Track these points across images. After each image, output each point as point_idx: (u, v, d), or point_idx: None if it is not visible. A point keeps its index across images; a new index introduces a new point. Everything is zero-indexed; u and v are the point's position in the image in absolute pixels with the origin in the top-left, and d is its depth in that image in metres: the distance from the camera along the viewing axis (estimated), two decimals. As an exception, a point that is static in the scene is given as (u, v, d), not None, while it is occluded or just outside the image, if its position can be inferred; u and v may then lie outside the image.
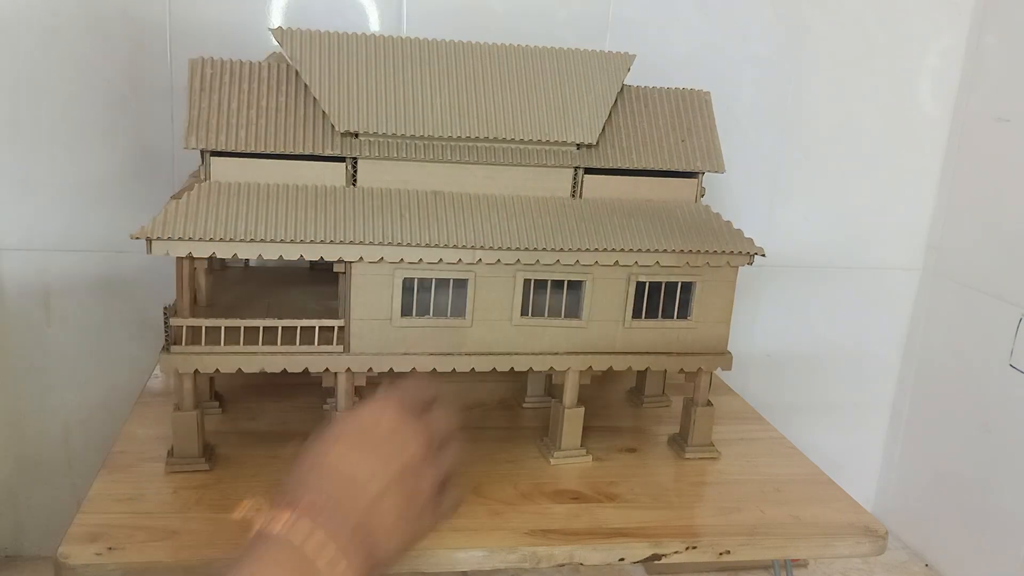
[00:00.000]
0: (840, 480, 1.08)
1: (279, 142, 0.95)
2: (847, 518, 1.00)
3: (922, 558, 1.76)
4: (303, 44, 1.00)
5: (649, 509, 0.99)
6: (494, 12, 1.47)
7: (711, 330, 1.07)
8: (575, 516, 0.96)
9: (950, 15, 1.64)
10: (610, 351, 1.05)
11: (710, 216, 1.06)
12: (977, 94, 1.64)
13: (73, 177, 1.42)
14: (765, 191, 1.67)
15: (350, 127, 0.96)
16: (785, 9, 1.57)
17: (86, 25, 1.36)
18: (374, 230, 0.93)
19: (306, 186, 0.96)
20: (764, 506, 1.01)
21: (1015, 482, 1.53)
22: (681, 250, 1.01)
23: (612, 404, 1.28)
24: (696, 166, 1.07)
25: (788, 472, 1.11)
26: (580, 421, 1.08)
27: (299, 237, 0.91)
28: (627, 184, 1.06)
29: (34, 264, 1.45)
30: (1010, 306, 1.54)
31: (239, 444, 1.07)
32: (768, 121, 1.63)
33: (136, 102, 1.41)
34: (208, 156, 0.94)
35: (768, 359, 1.77)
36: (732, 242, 1.03)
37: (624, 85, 1.08)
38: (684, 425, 1.14)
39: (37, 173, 1.41)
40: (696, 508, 1.00)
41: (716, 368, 1.09)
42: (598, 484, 1.04)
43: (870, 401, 1.86)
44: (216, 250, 0.90)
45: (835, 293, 1.76)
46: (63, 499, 1.57)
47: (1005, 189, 1.57)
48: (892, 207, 1.73)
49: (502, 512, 0.95)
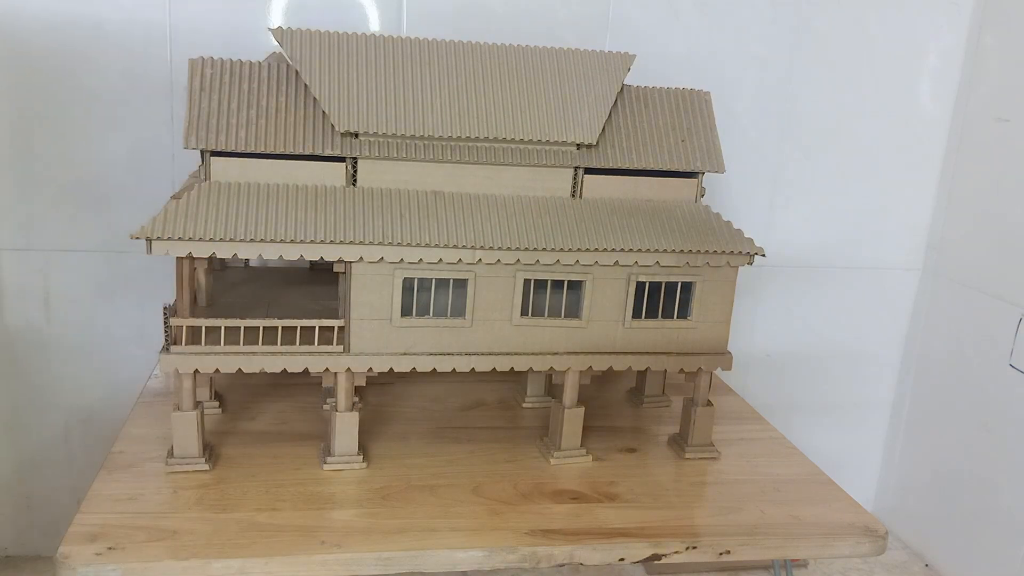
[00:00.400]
0: (840, 480, 1.08)
1: (279, 142, 0.95)
2: (847, 518, 1.00)
3: (922, 558, 1.76)
4: (303, 44, 1.00)
5: (649, 509, 0.99)
6: (494, 12, 1.47)
7: (711, 330, 1.07)
8: (575, 516, 0.96)
9: (950, 15, 1.64)
10: (610, 351, 1.05)
11: (710, 216, 1.06)
12: (977, 94, 1.64)
13: (73, 177, 1.42)
14: (765, 191, 1.67)
15: (350, 127, 0.96)
16: (785, 9, 1.57)
17: (86, 25, 1.36)
18: (374, 230, 0.93)
19: (306, 186, 0.96)
20: (764, 506, 1.01)
21: (1015, 482, 1.53)
22: (681, 250, 1.01)
23: (612, 404, 1.28)
24: (696, 166, 1.07)
25: (788, 472, 1.11)
26: (580, 421, 1.08)
27: (299, 237, 0.91)
28: (627, 184, 1.06)
29: (34, 264, 1.45)
30: (1010, 306, 1.54)
31: (239, 444, 1.07)
32: (768, 121, 1.63)
33: (136, 102, 1.41)
34: (208, 156, 0.94)
35: (768, 359, 1.77)
36: (732, 242, 1.03)
37: (624, 85, 1.08)
38: (684, 425, 1.14)
39: (37, 173, 1.41)
40: (696, 508, 1.00)
41: (716, 368, 1.09)
42: (598, 484, 1.04)
43: (870, 401, 1.86)
44: (216, 250, 0.90)
45: (835, 293, 1.76)
46: (63, 499, 1.57)
47: (1005, 189, 1.57)
48: (892, 207, 1.73)
49: (502, 512, 0.95)
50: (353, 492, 0.97)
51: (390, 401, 1.23)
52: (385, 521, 0.91)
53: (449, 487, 1.00)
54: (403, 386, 1.28)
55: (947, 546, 1.71)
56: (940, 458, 1.73)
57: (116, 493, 0.93)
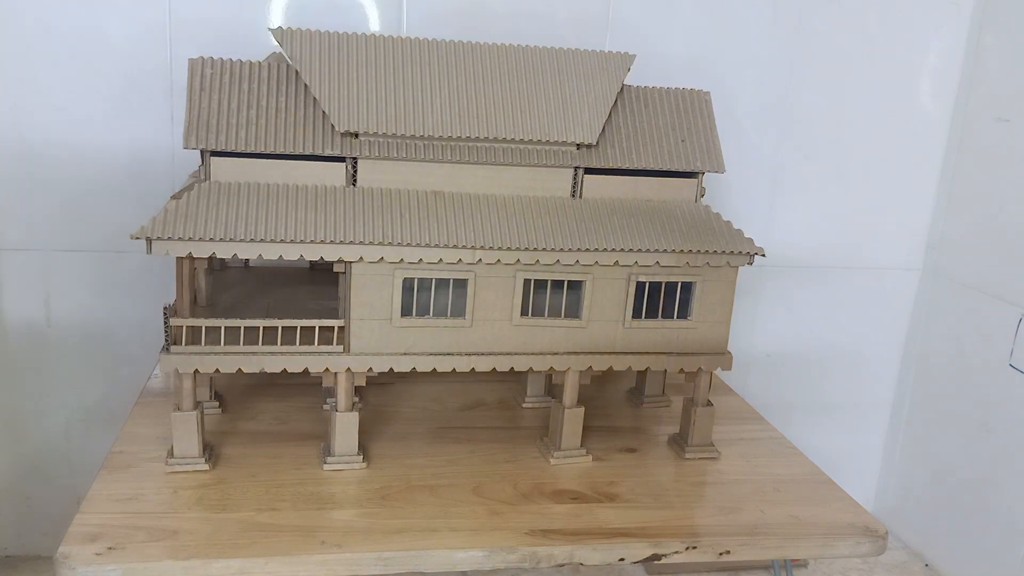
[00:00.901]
0: (840, 480, 1.08)
1: (279, 142, 0.95)
2: (847, 518, 1.00)
3: (922, 558, 1.76)
4: (303, 44, 1.00)
5: (649, 509, 0.99)
6: (495, 12, 1.47)
7: (711, 330, 1.07)
8: (575, 516, 0.96)
9: (950, 15, 1.64)
10: (610, 351, 1.05)
11: (710, 216, 1.06)
12: (977, 94, 1.64)
13: (73, 177, 1.42)
14: (765, 191, 1.67)
15: (350, 127, 0.96)
16: (785, 9, 1.57)
17: (86, 25, 1.36)
18: (374, 230, 0.93)
19: (306, 186, 0.96)
20: (764, 506, 1.01)
21: (1015, 482, 1.53)
22: (681, 250, 1.01)
23: (612, 404, 1.28)
24: (696, 166, 1.07)
25: (788, 472, 1.11)
26: (580, 421, 1.08)
27: (299, 237, 0.91)
28: (627, 184, 1.06)
29: (34, 264, 1.45)
30: (1010, 306, 1.54)
31: (239, 444, 1.07)
32: (768, 121, 1.63)
33: (136, 102, 1.41)
34: (208, 156, 0.94)
35: (768, 359, 1.77)
36: (732, 242, 1.03)
37: (624, 85, 1.08)
38: (684, 425, 1.14)
39: (37, 173, 1.41)
40: (696, 508, 1.00)
41: (716, 368, 1.09)
42: (598, 484, 1.04)
43: (870, 401, 1.86)
44: (216, 250, 0.90)
45: (835, 293, 1.76)
46: (63, 499, 1.57)
47: (1005, 189, 1.57)
48: (892, 207, 1.73)
49: (502, 512, 0.95)
50: (353, 492, 0.97)
51: (390, 401, 1.23)
52: (385, 521, 0.91)
53: (449, 487, 1.00)
54: (403, 386, 1.28)
55: (947, 546, 1.71)
56: (940, 458, 1.73)
57: (116, 493, 0.93)
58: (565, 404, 1.06)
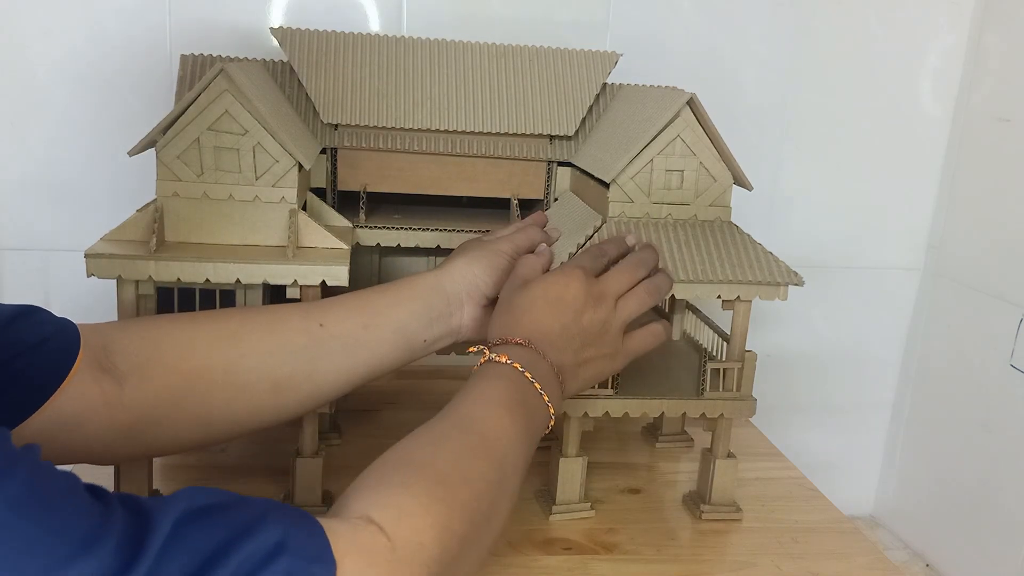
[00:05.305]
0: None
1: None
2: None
3: (922, 558, 1.76)
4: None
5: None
6: (495, 12, 1.47)
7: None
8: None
9: (950, 15, 1.64)
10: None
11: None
12: (978, 94, 1.64)
13: (73, 177, 1.42)
14: (765, 191, 1.67)
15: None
16: (785, 9, 1.57)
17: (86, 25, 1.36)
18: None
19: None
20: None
21: (1016, 482, 1.53)
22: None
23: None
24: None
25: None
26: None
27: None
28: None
29: (34, 264, 1.45)
30: (1011, 306, 1.54)
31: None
32: (768, 121, 1.63)
33: (136, 102, 1.41)
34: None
35: (768, 359, 1.77)
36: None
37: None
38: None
39: (37, 173, 1.41)
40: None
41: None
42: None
43: (870, 401, 1.86)
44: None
45: (835, 293, 1.75)
46: (63, 499, 1.57)
47: (1006, 189, 1.57)
48: (892, 207, 1.73)
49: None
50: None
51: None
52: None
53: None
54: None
55: (948, 546, 1.70)
56: (941, 458, 1.73)
57: (115, 493, 0.93)
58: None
